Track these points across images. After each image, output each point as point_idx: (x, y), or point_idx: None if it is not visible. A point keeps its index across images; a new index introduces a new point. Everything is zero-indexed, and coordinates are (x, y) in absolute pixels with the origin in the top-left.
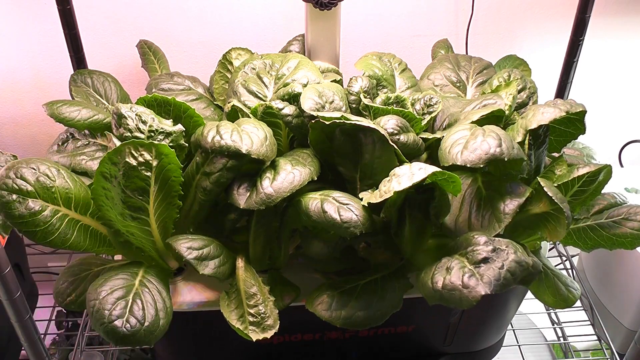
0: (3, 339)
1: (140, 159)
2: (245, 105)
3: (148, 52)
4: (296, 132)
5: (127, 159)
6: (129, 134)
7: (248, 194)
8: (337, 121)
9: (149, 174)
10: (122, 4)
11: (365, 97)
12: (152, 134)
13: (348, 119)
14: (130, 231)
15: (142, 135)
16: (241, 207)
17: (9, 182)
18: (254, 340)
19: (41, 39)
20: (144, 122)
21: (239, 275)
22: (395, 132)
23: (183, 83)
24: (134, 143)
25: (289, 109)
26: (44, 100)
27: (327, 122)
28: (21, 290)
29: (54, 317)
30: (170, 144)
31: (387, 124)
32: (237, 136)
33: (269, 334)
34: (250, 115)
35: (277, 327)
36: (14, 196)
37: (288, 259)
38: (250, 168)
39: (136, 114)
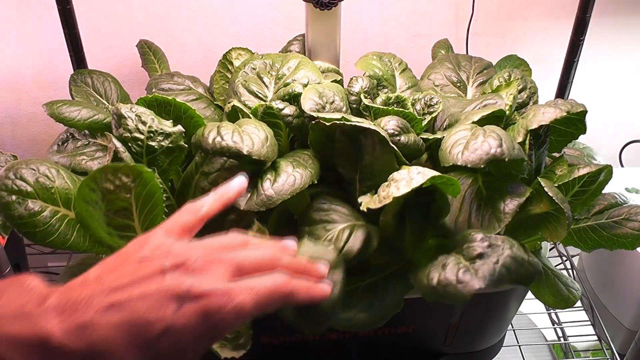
0: None
1: (118, 182)
2: (245, 105)
3: (148, 52)
4: (297, 133)
5: (104, 185)
6: (128, 134)
7: (249, 195)
8: (338, 122)
9: (128, 195)
10: (122, 4)
11: (365, 98)
12: (152, 134)
13: (348, 120)
14: (122, 246)
15: (141, 136)
16: (242, 208)
17: (9, 183)
18: (222, 358)
19: (41, 39)
20: (144, 123)
21: None
22: (396, 133)
23: (183, 83)
24: (108, 168)
25: (289, 109)
26: (44, 100)
27: (327, 123)
28: None
29: None
30: (170, 145)
31: (388, 124)
32: (238, 137)
33: (237, 354)
34: (251, 115)
35: (248, 347)
36: (14, 197)
37: None
38: (250, 169)
39: (136, 115)
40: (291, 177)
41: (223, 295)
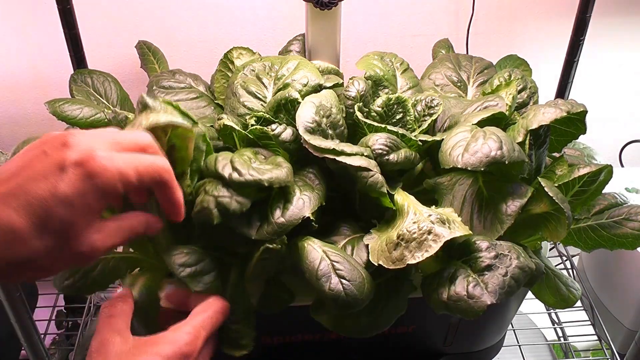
0: (3, 339)
1: None
2: (244, 105)
3: (147, 53)
4: (295, 154)
5: None
6: None
7: (259, 224)
8: (328, 156)
9: None
10: (122, 4)
11: (360, 111)
12: None
13: (338, 153)
14: None
15: None
16: (253, 238)
17: None
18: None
19: (41, 38)
20: (154, 112)
21: (228, 292)
22: (384, 152)
23: (184, 81)
24: None
25: (286, 134)
26: (44, 100)
27: (317, 154)
28: (21, 290)
29: (54, 317)
30: None
31: (375, 144)
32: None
33: (239, 353)
34: (248, 134)
35: (251, 348)
36: None
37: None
38: (259, 196)
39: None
40: (300, 200)
41: (104, 158)
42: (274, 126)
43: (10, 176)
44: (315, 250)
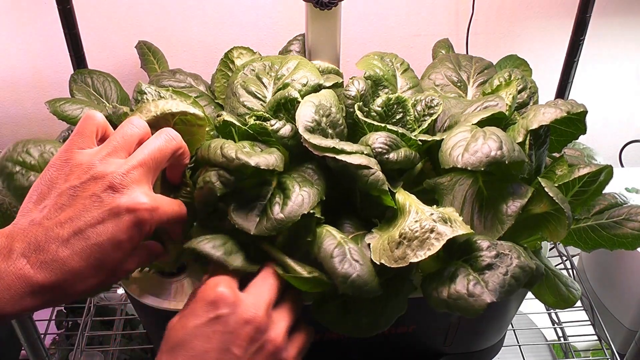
0: (3, 339)
1: None
2: (244, 105)
3: (147, 53)
4: (294, 150)
5: None
6: None
7: (258, 219)
8: (328, 154)
9: None
10: (122, 4)
11: (360, 110)
12: None
13: (338, 151)
14: None
15: None
16: (252, 233)
17: (15, 155)
18: None
19: (41, 38)
20: (163, 99)
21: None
22: (384, 151)
23: (185, 80)
24: None
25: (285, 130)
26: (44, 100)
27: (317, 152)
28: None
29: (54, 317)
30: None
31: (375, 143)
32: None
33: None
34: (248, 129)
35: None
36: (18, 168)
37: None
38: (256, 192)
39: (155, 90)
40: (299, 196)
41: (150, 208)
42: (273, 121)
43: (68, 218)
44: (332, 235)
